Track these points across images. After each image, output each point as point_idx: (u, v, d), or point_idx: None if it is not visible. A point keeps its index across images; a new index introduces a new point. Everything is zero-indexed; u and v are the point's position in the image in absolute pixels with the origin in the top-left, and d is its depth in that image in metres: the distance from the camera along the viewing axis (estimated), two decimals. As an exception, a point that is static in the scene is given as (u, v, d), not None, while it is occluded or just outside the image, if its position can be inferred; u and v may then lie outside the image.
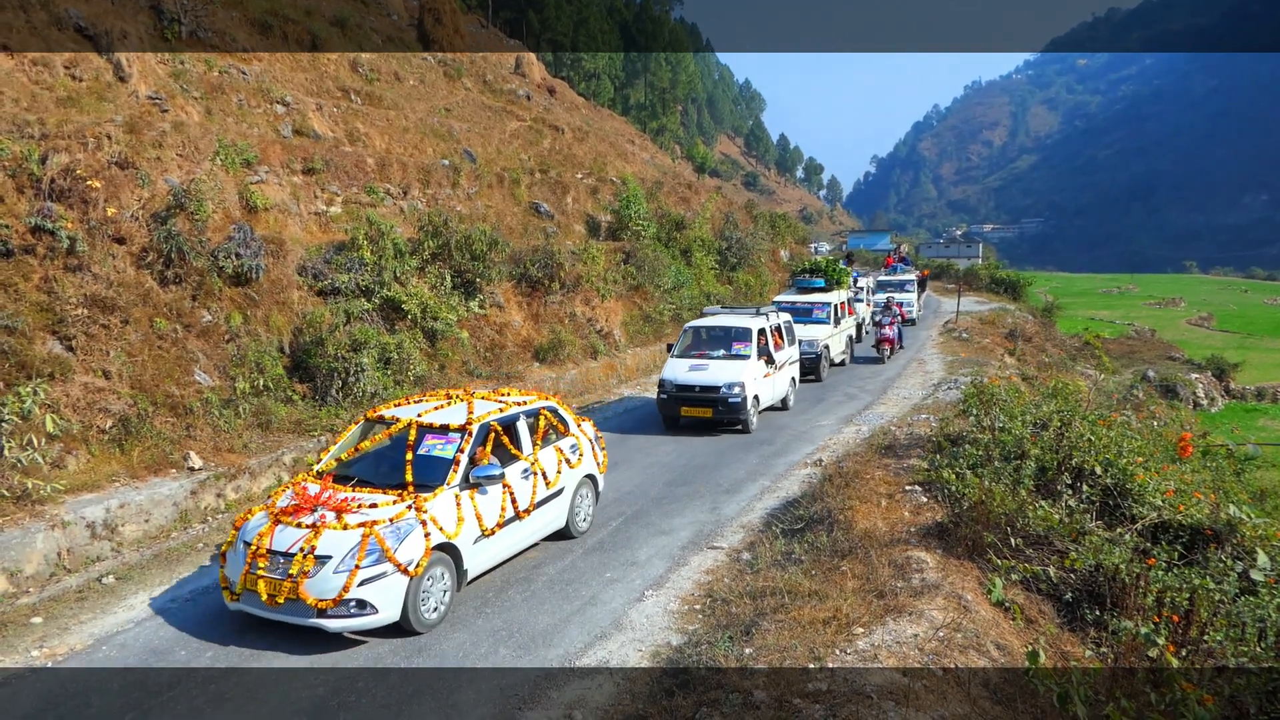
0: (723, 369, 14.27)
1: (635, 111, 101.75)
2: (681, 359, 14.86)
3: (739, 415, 13.97)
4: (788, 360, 16.18)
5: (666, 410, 14.48)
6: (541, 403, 9.12)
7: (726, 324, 15.44)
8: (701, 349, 15.20)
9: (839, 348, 21.34)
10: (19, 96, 14.22)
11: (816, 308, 20.71)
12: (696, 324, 15.85)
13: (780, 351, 15.67)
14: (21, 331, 9.82)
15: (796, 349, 17.12)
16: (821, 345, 19.50)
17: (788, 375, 16.15)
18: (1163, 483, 8.25)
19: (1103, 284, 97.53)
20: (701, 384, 14.11)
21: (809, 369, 18.91)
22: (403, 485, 7.34)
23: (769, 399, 15.23)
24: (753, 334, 14.86)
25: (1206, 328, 60.71)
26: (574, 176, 27.65)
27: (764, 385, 14.82)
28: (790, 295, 22.05)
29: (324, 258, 14.87)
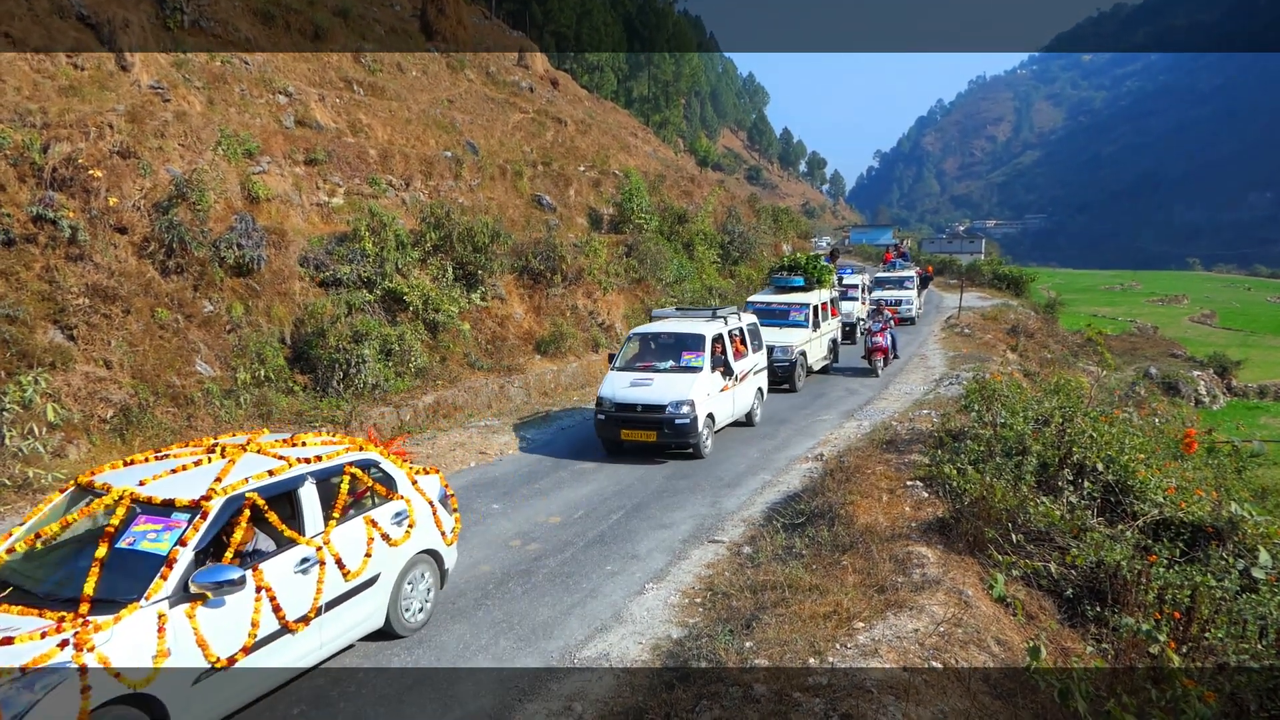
0: (669, 384, 12.20)
1: (638, 104, 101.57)
2: (623, 372, 12.78)
3: (688, 439, 11.95)
4: (752, 370, 14.25)
5: (605, 433, 12.33)
6: (352, 455, 6.47)
7: (676, 330, 13.28)
8: (647, 360, 13.12)
9: (818, 354, 19.39)
10: (21, 85, 14.19)
11: (794, 309, 18.82)
12: (642, 330, 13.70)
13: (742, 360, 13.76)
14: (23, 320, 9.82)
15: (764, 356, 15.27)
16: (797, 351, 17.63)
17: (752, 388, 14.25)
18: (1164, 480, 8.24)
19: (1105, 280, 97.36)
20: (644, 402, 12.01)
21: (782, 377, 17.35)
22: (74, 601, 4.67)
23: (727, 416, 13.32)
24: (706, 342, 12.76)
25: (1209, 325, 60.61)
26: (576, 169, 27.60)
27: (720, 401, 12.90)
28: (765, 295, 20.02)
29: (326, 249, 14.85)
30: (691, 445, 12.11)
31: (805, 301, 18.95)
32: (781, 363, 17.17)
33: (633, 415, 12.08)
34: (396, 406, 13.19)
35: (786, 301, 19.12)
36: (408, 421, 13.21)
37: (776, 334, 17.58)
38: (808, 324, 18.48)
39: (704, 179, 43.05)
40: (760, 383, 14.80)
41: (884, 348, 19.60)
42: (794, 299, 19.16)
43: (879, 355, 19.52)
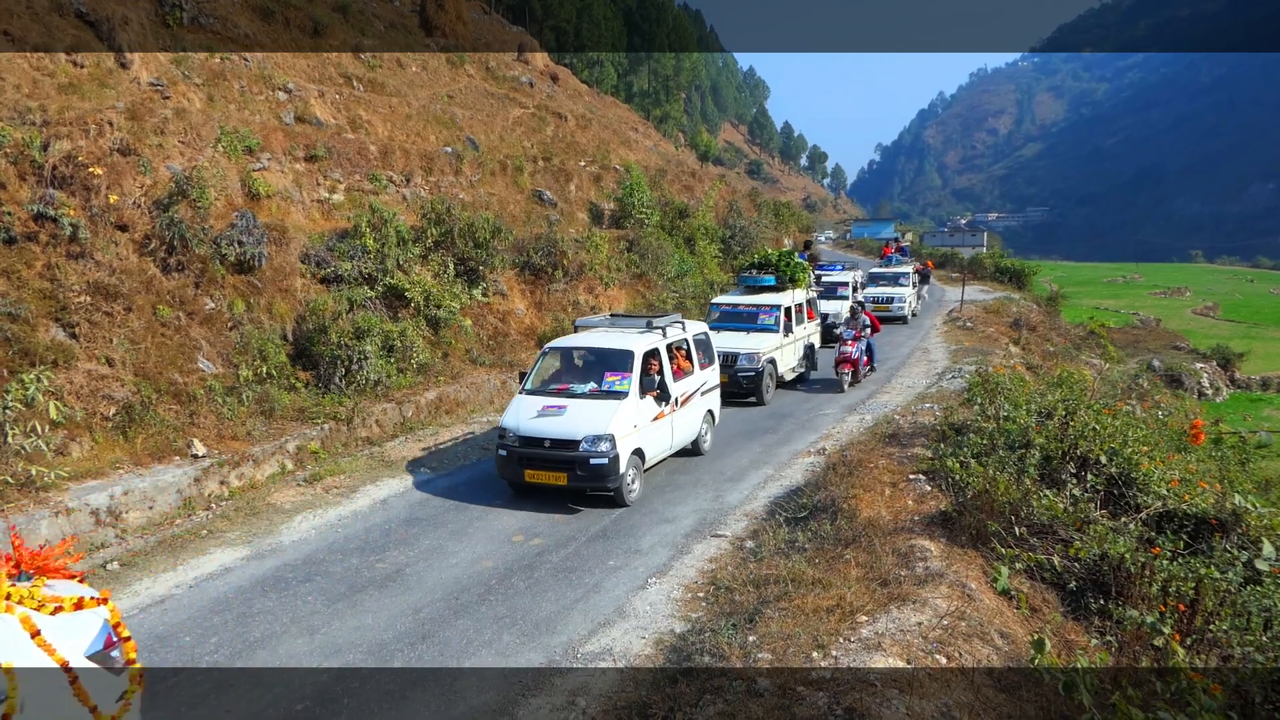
0: (586, 413, 9.89)
1: (639, 99, 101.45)
2: (534, 395, 10.53)
3: (606, 482, 9.57)
4: (699, 389, 11.98)
5: (506, 472, 10.07)
6: None
7: (599, 345, 11.01)
8: (564, 381, 10.87)
9: (791, 361, 17.12)
10: (20, 83, 14.18)
11: (763, 311, 16.75)
12: (560, 344, 11.49)
13: (685, 380, 11.57)
14: (25, 318, 9.82)
15: (715, 372, 12.87)
16: (764, 360, 15.53)
17: (698, 411, 11.99)
18: (1168, 472, 8.21)
19: (1108, 273, 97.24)
20: (553, 436, 9.76)
21: (746, 389, 15.39)
22: None
23: (663, 450, 11.04)
24: (635, 360, 10.40)
25: (1212, 317, 60.55)
26: (577, 164, 27.57)
27: (653, 433, 10.56)
28: (732, 296, 18.03)
29: (327, 245, 14.84)
30: (611, 490, 9.69)
31: (776, 303, 16.86)
32: (746, 372, 15.30)
33: (539, 452, 9.78)
34: (399, 403, 13.19)
35: (755, 303, 17.06)
36: (410, 418, 13.21)
37: (742, 340, 15.82)
38: (778, 328, 16.44)
39: (705, 173, 43.01)
40: (711, 404, 12.49)
41: (853, 359, 16.90)
42: (763, 300, 17.11)
43: (846, 368, 16.84)
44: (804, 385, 17.63)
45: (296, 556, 8.53)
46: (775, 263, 18.13)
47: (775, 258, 18.36)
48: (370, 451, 11.90)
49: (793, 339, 17.09)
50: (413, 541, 8.87)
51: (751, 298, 17.41)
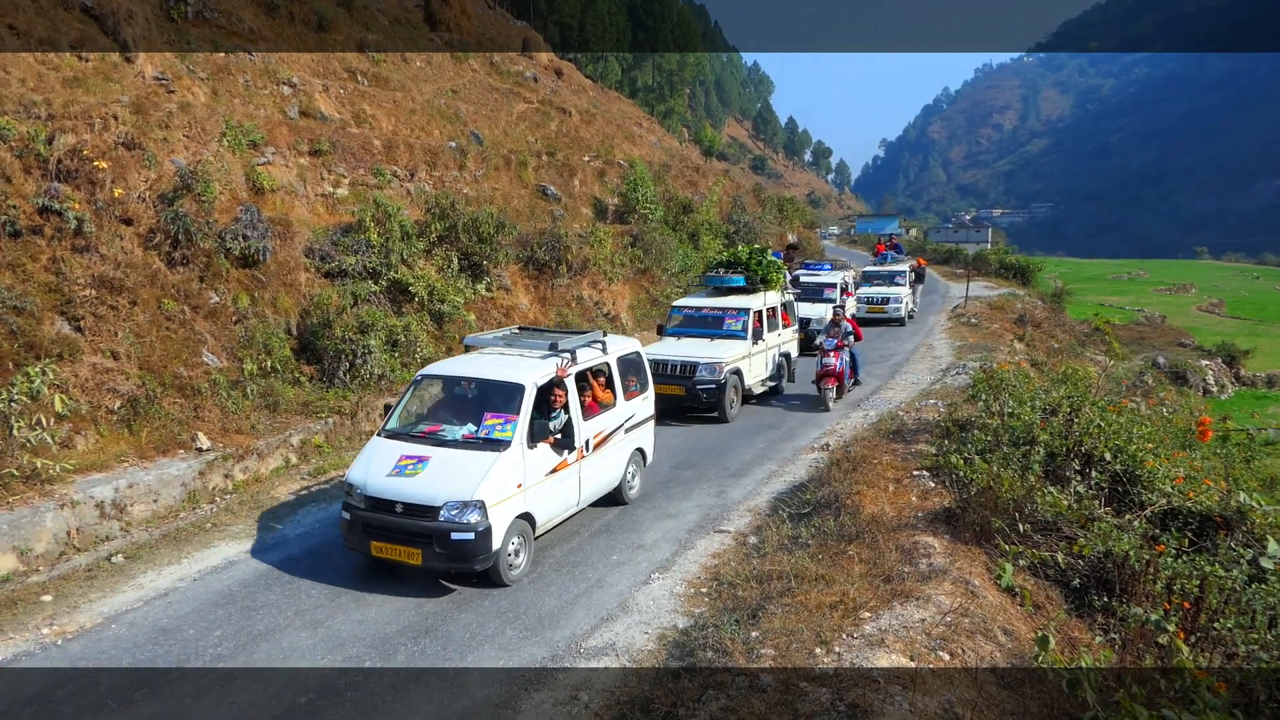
0: (452, 470, 7.63)
1: (643, 94, 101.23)
2: (394, 440, 8.23)
3: (471, 563, 7.34)
4: (622, 425, 9.69)
5: (351, 540, 7.86)
6: None
7: (482, 374, 8.66)
8: (437, 420, 8.53)
9: (760, 372, 15.24)
10: (25, 77, 14.19)
11: (729, 316, 15.03)
12: (438, 370, 9.19)
13: (605, 415, 9.37)
14: (30, 312, 9.84)
15: (649, 399, 10.50)
16: (727, 371, 13.78)
17: (623, 451, 9.75)
18: (1172, 469, 8.19)
19: (1113, 270, 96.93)
20: (407, 499, 7.51)
21: (706, 403, 13.75)
22: None
23: (565, 507, 8.71)
24: (523, 397, 8.05)
25: (1217, 314, 60.34)
26: (581, 159, 27.54)
27: (548, 490, 8.25)
28: (696, 299, 16.17)
29: (331, 240, 14.85)
30: (478, 571, 7.49)
31: (744, 306, 15.14)
32: (706, 385, 13.59)
33: (389, 519, 7.54)
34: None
35: (721, 306, 15.32)
36: (414, 412, 13.22)
37: (704, 347, 14.18)
38: (745, 334, 14.71)
39: (709, 169, 42.94)
40: (641, 440, 10.22)
41: (836, 372, 14.91)
42: (730, 303, 15.37)
43: (830, 383, 14.86)
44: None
45: (300, 550, 8.55)
46: (745, 261, 16.24)
47: (745, 255, 16.40)
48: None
49: (763, 347, 15.27)
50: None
51: (717, 300, 15.65)
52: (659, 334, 15.42)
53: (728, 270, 16.36)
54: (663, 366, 13.60)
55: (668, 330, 15.33)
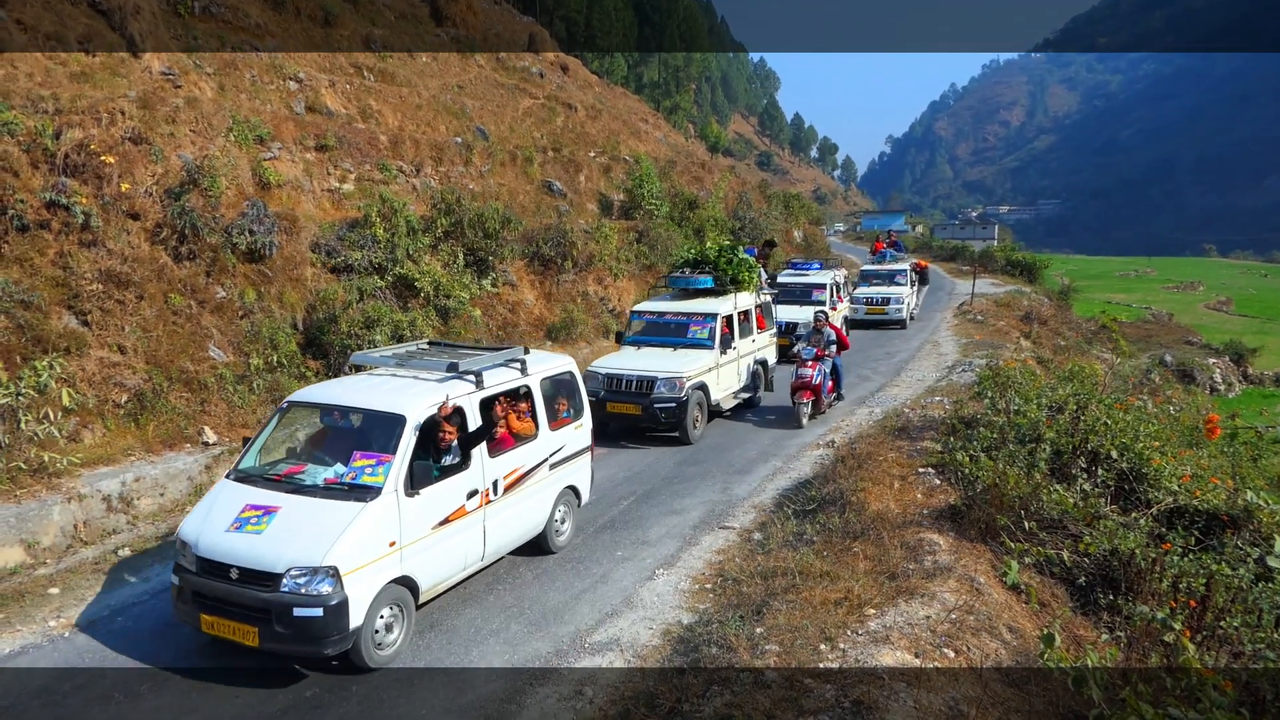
0: (302, 525, 6.07)
1: (649, 90, 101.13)
2: (243, 485, 6.59)
3: (319, 644, 5.77)
4: (548, 460, 8.15)
5: (180, 609, 6.25)
6: None
7: (359, 403, 7.12)
8: (303, 459, 6.99)
9: (730, 384, 13.72)
10: (33, 71, 14.22)
11: (694, 322, 13.40)
12: (310, 396, 7.53)
13: (523, 448, 7.82)
14: (37, 306, 9.88)
15: (584, 428, 8.89)
16: (689, 386, 12.22)
17: (548, 492, 8.20)
18: (1179, 468, 8.18)
19: (1120, 267, 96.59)
20: (243, 563, 5.93)
21: (666, 424, 12.22)
22: None
23: (463, 564, 7.10)
24: (402, 433, 6.50)
25: (1225, 312, 60.10)
26: (587, 155, 27.52)
27: (437, 547, 6.67)
28: (657, 302, 14.53)
29: (337, 235, 14.87)
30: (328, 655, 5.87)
31: (711, 311, 13.49)
32: (665, 403, 12.05)
33: (221, 587, 5.93)
34: (408, 392, 13.21)
35: (685, 311, 13.67)
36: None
37: (664, 359, 12.68)
38: (712, 343, 13.10)
39: (715, 165, 42.85)
40: (573, 477, 8.65)
41: (813, 384, 13.37)
42: (696, 307, 13.71)
43: (805, 396, 13.36)
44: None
45: (306, 545, 8.55)
46: (714, 260, 14.51)
47: (714, 253, 14.66)
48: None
49: (733, 357, 13.72)
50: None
51: (681, 304, 13.95)
52: (617, 342, 13.97)
53: (694, 270, 14.69)
54: (616, 382, 12.31)
55: (626, 339, 13.81)
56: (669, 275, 15.48)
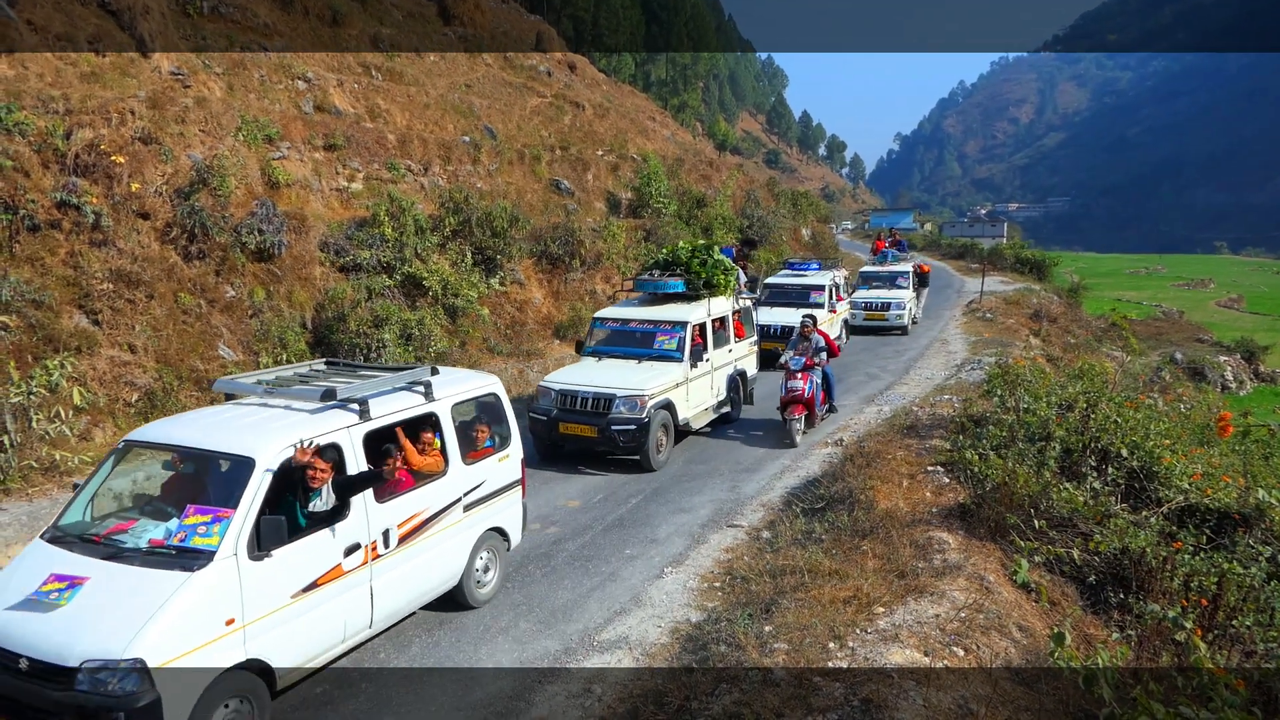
0: (107, 600, 4.77)
1: (656, 88, 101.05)
2: (55, 547, 5.31)
3: None
4: (460, 499, 6.84)
5: None
6: None
7: (201, 444, 5.72)
8: (136, 514, 5.68)
9: (704, 399, 12.32)
10: (44, 72, 14.30)
11: (661, 331, 11.99)
12: (148, 435, 6.11)
13: (423, 490, 6.48)
14: (49, 305, 9.94)
15: (510, 460, 7.55)
16: (652, 405, 10.74)
17: (462, 539, 6.89)
18: (1190, 466, 8.13)
19: (1130, 264, 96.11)
20: (32, 651, 4.57)
21: (625, 448, 10.75)
22: None
23: (342, 635, 5.79)
24: (248, 479, 5.22)
25: (1236, 309, 59.70)
26: (595, 154, 27.53)
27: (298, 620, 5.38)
28: (622, 308, 13.07)
29: (345, 234, 14.91)
30: None
31: (680, 318, 12.05)
32: (623, 425, 10.58)
33: (11, 681, 4.61)
34: (416, 391, 13.24)
35: (652, 319, 12.24)
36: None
37: (626, 374, 11.27)
38: (681, 354, 11.67)
39: (722, 163, 42.82)
40: (498, 517, 7.32)
41: (805, 398, 12.20)
42: (664, 314, 12.25)
43: (797, 411, 12.18)
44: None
45: (315, 543, 8.58)
46: (686, 261, 13.12)
47: (686, 254, 13.27)
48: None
49: (706, 369, 12.26)
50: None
51: (648, 311, 12.52)
52: (577, 351, 12.70)
53: (664, 273, 13.29)
54: (570, 400, 10.91)
55: (586, 349, 12.37)
56: (636, 278, 13.94)
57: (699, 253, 13.18)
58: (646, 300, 13.13)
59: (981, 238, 75.95)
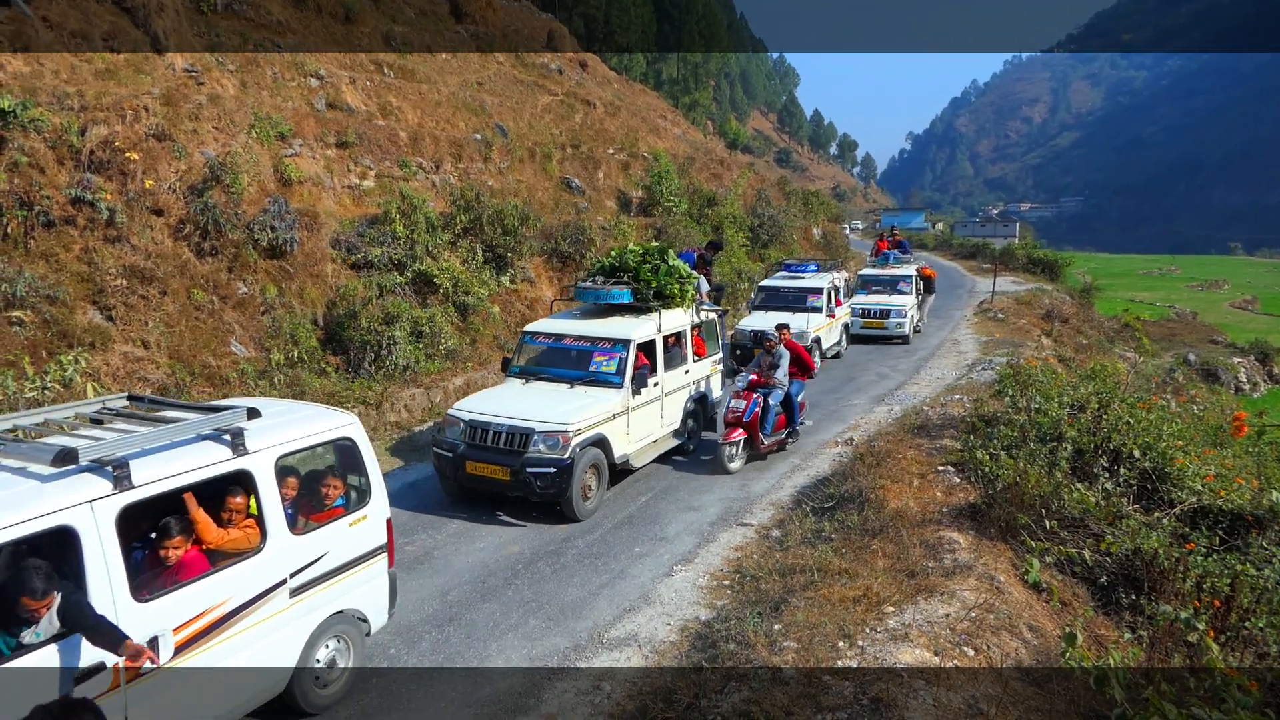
0: None
1: (667, 86, 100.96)
2: None
3: None
4: (284, 581, 5.21)
5: None
6: None
7: None
8: None
9: (650, 430, 10.41)
10: (59, 69, 14.40)
11: (599, 350, 10.12)
12: None
13: (224, 574, 4.85)
14: (63, 301, 10.01)
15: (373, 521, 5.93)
16: (579, 442, 8.88)
17: (287, 634, 5.26)
18: (1203, 467, 8.09)
19: (1143, 265, 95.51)
20: None
21: (542, 495, 8.74)
22: None
23: None
24: None
25: (1251, 311, 59.25)
26: (605, 152, 27.53)
27: None
28: (559, 320, 11.13)
29: (357, 231, 14.97)
30: None
31: (622, 336, 10.15)
32: (542, 467, 8.66)
33: None
34: (427, 388, 13.29)
35: (589, 335, 10.36)
36: (438, 403, 13.31)
37: (551, 402, 9.44)
38: (621, 380, 9.79)
39: (733, 161, 42.75)
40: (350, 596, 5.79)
41: (745, 420, 10.63)
42: (605, 329, 10.39)
43: (734, 435, 10.62)
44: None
45: (326, 538, 8.61)
46: (634, 267, 11.24)
47: (635, 259, 11.37)
48: (399, 436, 12.01)
49: (653, 395, 10.39)
50: (441, 525, 8.94)
51: (587, 325, 10.61)
52: (503, 370, 10.70)
53: (608, 280, 11.34)
54: (480, 433, 9.02)
55: (513, 368, 10.48)
56: (576, 285, 11.81)
57: (651, 257, 11.40)
58: (589, 312, 11.19)
59: (993, 237, 75.63)
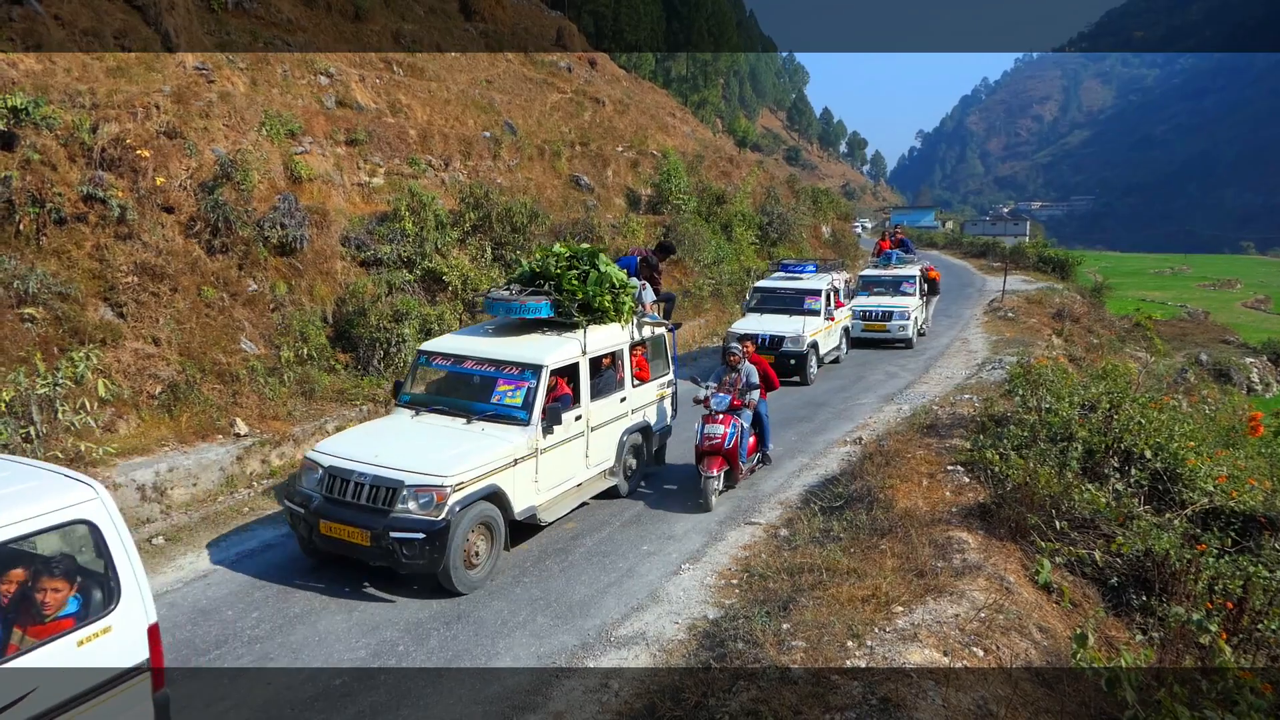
0: None
1: (677, 84, 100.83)
2: None
3: None
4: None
5: None
6: None
7: None
8: None
9: (567, 475, 8.64)
10: (70, 66, 14.46)
11: (504, 377, 8.23)
12: None
13: None
14: (74, 298, 10.06)
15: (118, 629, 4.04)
16: (458, 498, 7.01)
17: None
18: (1215, 468, 8.04)
19: (1155, 264, 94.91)
20: None
21: (412, 563, 6.90)
22: None
23: None
24: None
25: (1263, 310, 58.83)
26: (614, 149, 27.51)
27: None
28: (460, 339, 9.31)
29: (366, 229, 14.99)
30: None
31: (531, 360, 8.27)
32: (408, 532, 6.88)
33: None
34: (435, 385, 13.30)
35: (494, 359, 8.46)
36: (446, 400, 13.32)
37: (434, 443, 7.68)
38: (529, 414, 7.96)
39: (742, 159, 42.65)
40: None
41: (725, 449, 9.37)
42: (514, 352, 8.50)
43: (715, 466, 9.34)
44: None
45: (335, 535, 8.62)
46: (556, 276, 9.23)
47: (558, 265, 9.32)
48: (407, 433, 12.01)
49: (574, 432, 8.62)
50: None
51: (496, 344, 8.76)
52: (394, 396, 8.99)
53: (524, 290, 9.31)
54: (339, 484, 7.25)
55: (403, 395, 8.71)
56: (487, 294, 9.75)
57: (578, 263, 9.37)
58: (502, 329, 9.31)
59: (1004, 236, 75.31)
